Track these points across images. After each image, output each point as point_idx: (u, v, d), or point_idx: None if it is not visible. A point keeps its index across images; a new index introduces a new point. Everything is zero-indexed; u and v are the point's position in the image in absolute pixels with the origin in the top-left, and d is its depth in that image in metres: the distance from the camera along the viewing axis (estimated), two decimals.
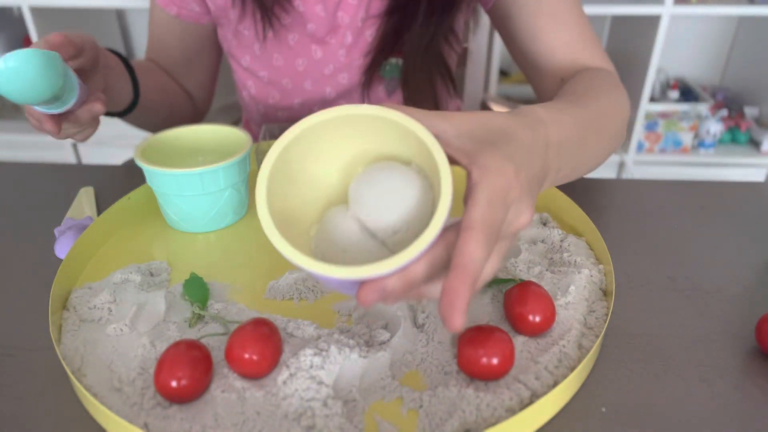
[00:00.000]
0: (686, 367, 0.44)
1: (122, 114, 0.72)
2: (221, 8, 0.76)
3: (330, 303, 0.50)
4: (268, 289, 0.52)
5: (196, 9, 0.77)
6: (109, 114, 0.70)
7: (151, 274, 0.53)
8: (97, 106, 0.55)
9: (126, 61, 0.70)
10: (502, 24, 0.70)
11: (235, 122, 1.14)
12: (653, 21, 1.57)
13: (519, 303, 0.45)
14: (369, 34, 0.76)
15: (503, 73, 2.08)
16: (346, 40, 0.76)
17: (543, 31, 0.64)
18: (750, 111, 1.85)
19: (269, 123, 0.85)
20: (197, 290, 0.49)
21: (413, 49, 0.72)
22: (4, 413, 0.41)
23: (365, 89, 0.78)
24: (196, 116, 0.90)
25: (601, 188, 0.68)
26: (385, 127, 0.34)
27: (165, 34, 0.80)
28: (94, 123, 0.58)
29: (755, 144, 1.81)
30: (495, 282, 0.49)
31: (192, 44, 0.81)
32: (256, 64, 0.79)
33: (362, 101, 0.81)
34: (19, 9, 1.76)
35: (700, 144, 1.80)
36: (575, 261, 0.52)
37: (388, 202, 0.35)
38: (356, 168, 0.37)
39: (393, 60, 0.77)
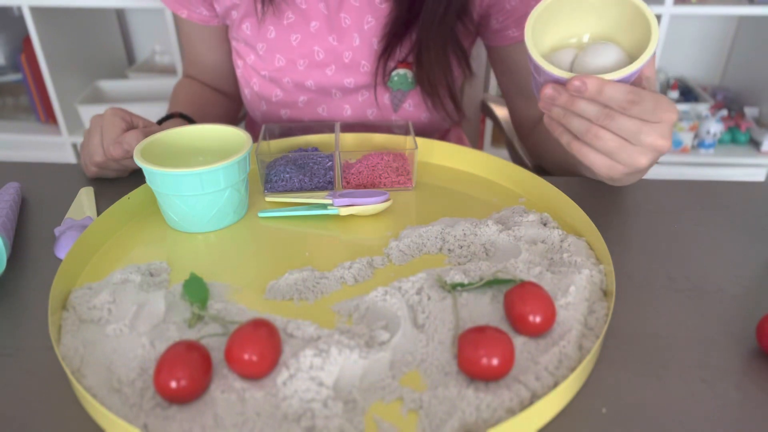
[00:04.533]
0: (687, 368, 0.44)
1: None
2: (226, 9, 0.78)
3: (330, 303, 0.50)
4: (268, 290, 0.51)
5: (205, 12, 0.81)
6: None
7: (151, 275, 0.53)
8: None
9: (188, 117, 0.79)
10: (499, 59, 0.82)
11: (242, 117, 1.13)
12: None
13: (519, 303, 0.45)
14: (374, 40, 0.76)
15: None
16: (354, 41, 0.76)
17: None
18: (750, 111, 1.85)
19: (270, 122, 0.85)
20: (197, 290, 0.49)
21: (426, 22, 0.72)
22: (3, 413, 0.41)
23: (376, 83, 0.79)
24: (234, 112, 0.97)
25: (601, 188, 0.68)
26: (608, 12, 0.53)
27: (193, 43, 0.87)
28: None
29: (755, 144, 1.81)
30: (495, 282, 0.49)
31: (217, 46, 0.86)
32: (259, 63, 0.80)
33: (368, 100, 0.82)
34: (19, 9, 1.76)
35: (700, 144, 1.79)
36: (575, 261, 0.52)
37: (605, 56, 0.52)
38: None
39: (402, 71, 0.77)
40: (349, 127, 0.73)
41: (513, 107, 0.87)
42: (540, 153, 0.83)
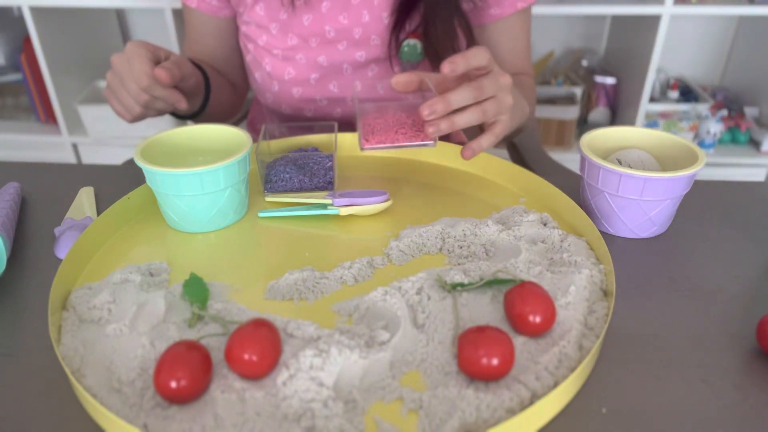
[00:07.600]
0: (687, 368, 0.44)
1: (194, 116, 0.82)
2: None
3: (330, 303, 0.50)
4: (268, 289, 0.51)
5: (214, 2, 0.82)
6: (182, 116, 0.81)
7: (151, 274, 0.53)
8: (181, 105, 0.70)
9: (202, 71, 0.79)
10: (478, 34, 0.85)
11: (236, 122, 1.14)
12: (653, 21, 1.57)
13: (519, 303, 0.45)
14: (383, 15, 0.78)
15: None
16: (363, 18, 0.78)
17: (509, 49, 0.86)
18: (750, 111, 1.85)
19: (281, 103, 0.86)
20: (197, 290, 0.49)
21: None
22: (3, 413, 0.41)
23: (390, 55, 0.81)
24: (239, 102, 0.96)
25: None
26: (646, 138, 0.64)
27: (201, 35, 0.86)
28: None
29: (755, 144, 1.81)
30: (495, 282, 0.49)
31: (227, 37, 0.87)
32: (272, 42, 0.81)
33: (378, 75, 0.84)
34: (19, 9, 1.76)
35: (700, 144, 1.79)
36: (575, 261, 0.52)
37: (641, 156, 0.62)
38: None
39: (412, 41, 0.79)
40: (348, 127, 0.73)
41: None
42: None
